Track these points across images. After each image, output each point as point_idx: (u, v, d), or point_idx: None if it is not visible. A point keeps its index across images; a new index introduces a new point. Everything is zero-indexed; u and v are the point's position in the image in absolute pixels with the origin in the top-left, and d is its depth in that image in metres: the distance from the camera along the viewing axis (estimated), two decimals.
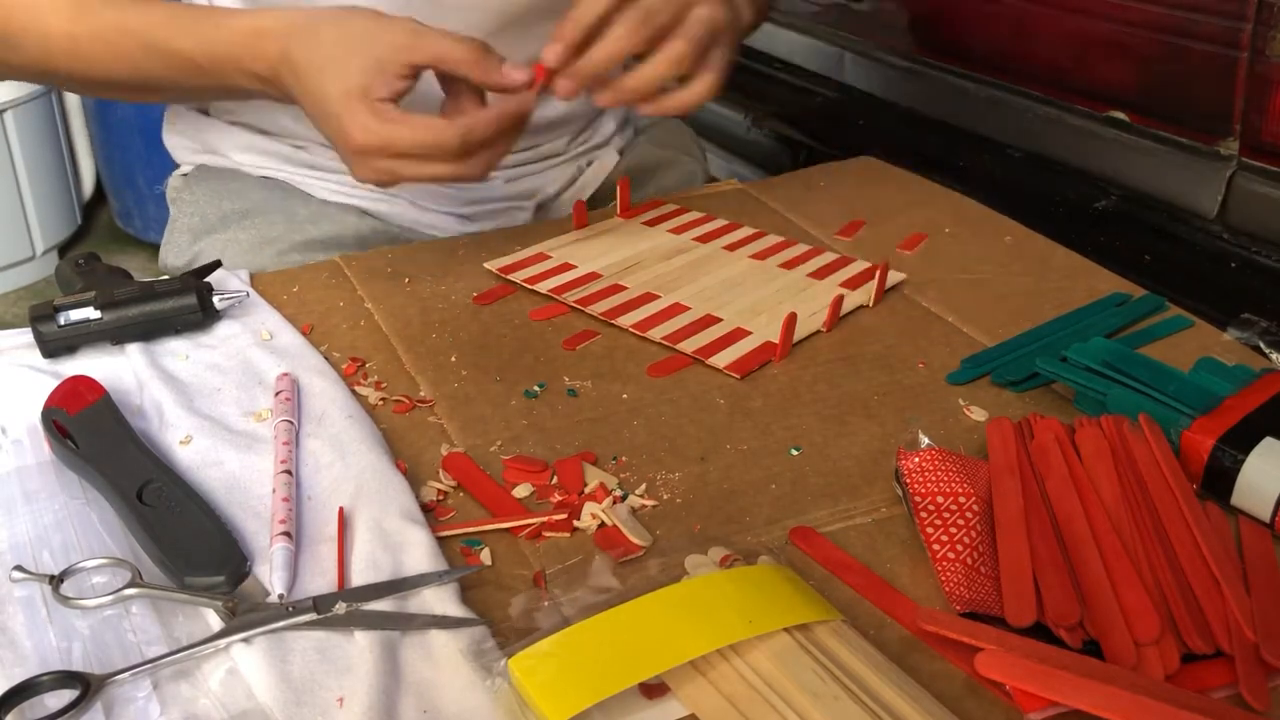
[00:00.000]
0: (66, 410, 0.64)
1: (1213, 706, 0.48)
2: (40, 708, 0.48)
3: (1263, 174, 0.90)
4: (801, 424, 0.69)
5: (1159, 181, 0.97)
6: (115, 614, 0.53)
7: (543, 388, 0.72)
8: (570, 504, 0.61)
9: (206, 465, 0.63)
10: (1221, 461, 0.61)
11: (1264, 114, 0.89)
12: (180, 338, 0.75)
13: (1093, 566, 0.55)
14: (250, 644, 0.51)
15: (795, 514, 0.61)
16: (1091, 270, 0.87)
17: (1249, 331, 0.77)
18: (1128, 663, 0.50)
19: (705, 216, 0.95)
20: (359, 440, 0.64)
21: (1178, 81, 0.95)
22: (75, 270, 0.77)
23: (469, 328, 0.79)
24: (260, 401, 0.69)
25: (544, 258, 0.87)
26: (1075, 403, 0.70)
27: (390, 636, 0.51)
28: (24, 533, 0.58)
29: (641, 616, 0.50)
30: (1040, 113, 1.07)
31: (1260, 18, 0.87)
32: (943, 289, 0.84)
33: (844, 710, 0.47)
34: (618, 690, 0.47)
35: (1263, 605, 0.53)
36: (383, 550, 0.56)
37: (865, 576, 0.57)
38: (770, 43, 1.74)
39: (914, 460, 0.60)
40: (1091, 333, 0.75)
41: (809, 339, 0.78)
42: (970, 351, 0.76)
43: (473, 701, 0.49)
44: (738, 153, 1.72)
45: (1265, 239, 0.91)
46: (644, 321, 0.78)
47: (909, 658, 0.51)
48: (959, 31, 1.15)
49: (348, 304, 0.81)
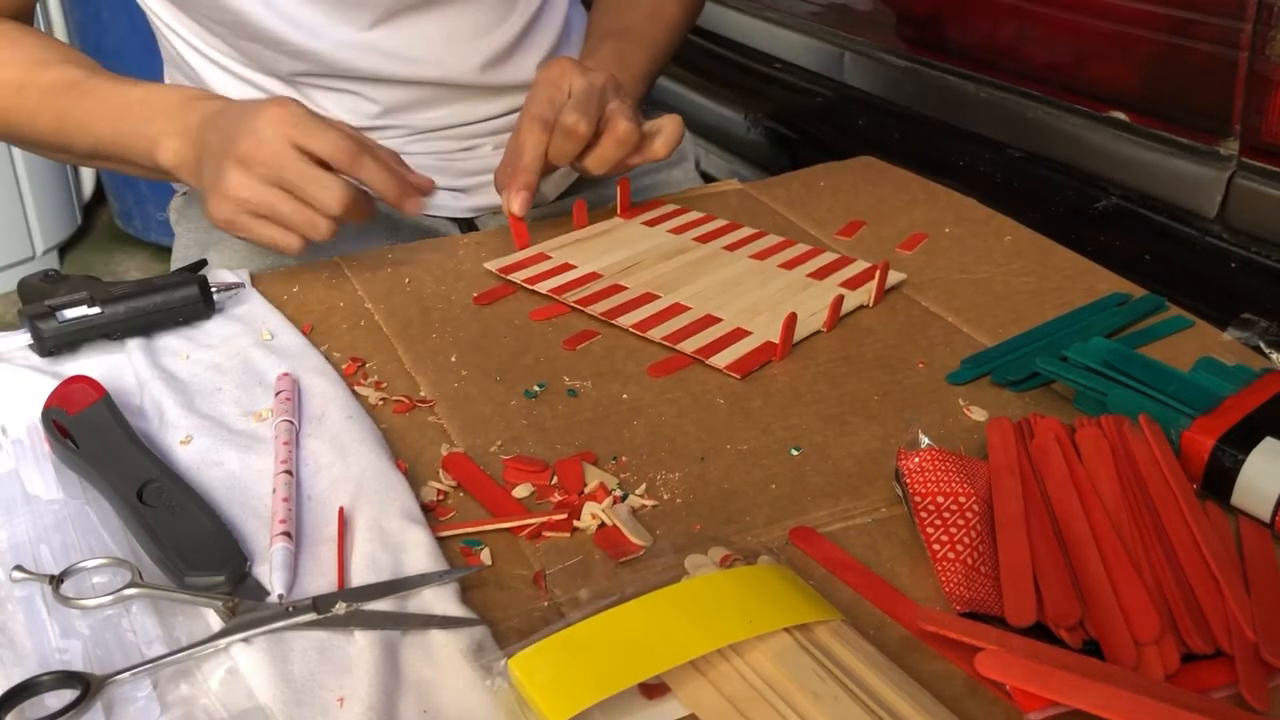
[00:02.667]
0: (66, 410, 0.64)
1: (1213, 706, 0.48)
2: (40, 708, 0.48)
3: (1263, 174, 0.90)
4: (801, 424, 0.69)
5: (1159, 181, 0.97)
6: (115, 614, 0.53)
7: (543, 388, 0.72)
8: (570, 504, 0.61)
9: (206, 465, 0.63)
10: (1221, 461, 0.61)
11: (1264, 114, 0.89)
12: (180, 337, 0.75)
13: (1093, 566, 0.55)
14: (250, 644, 0.51)
15: (795, 514, 0.61)
16: (1091, 270, 0.87)
17: (1249, 331, 0.77)
18: (1128, 663, 0.50)
19: (705, 216, 0.95)
20: (359, 440, 0.64)
21: (1178, 81, 0.95)
22: (45, 282, 0.77)
23: (469, 328, 0.79)
24: (260, 401, 0.69)
25: (544, 258, 0.87)
26: (1075, 403, 0.70)
27: (390, 636, 0.51)
28: (24, 533, 0.58)
29: (641, 616, 0.50)
30: (1040, 113, 1.07)
31: (1260, 18, 0.87)
32: (943, 289, 0.84)
33: (844, 710, 0.47)
34: (618, 690, 0.47)
35: (1263, 605, 0.53)
36: (383, 550, 0.56)
37: (865, 576, 0.57)
38: (770, 42, 1.74)
39: (914, 460, 0.60)
40: (1091, 333, 0.75)
41: (809, 339, 0.78)
42: (970, 351, 0.76)
43: (473, 701, 0.49)
44: (738, 153, 1.72)
45: (1265, 239, 0.91)
46: (644, 321, 0.78)
47: (909, 658, 0.51)
48: (959, 31, 1.15)
49: (348, 304, 0.81)
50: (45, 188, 2.60)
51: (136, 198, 2.66)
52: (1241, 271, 0.91)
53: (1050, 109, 1.06)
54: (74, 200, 2.75)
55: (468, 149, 1.04)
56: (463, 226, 1.04)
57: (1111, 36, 0.99)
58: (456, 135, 1.03)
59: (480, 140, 1.04)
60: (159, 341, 0.75)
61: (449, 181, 1.02)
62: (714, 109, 1.76)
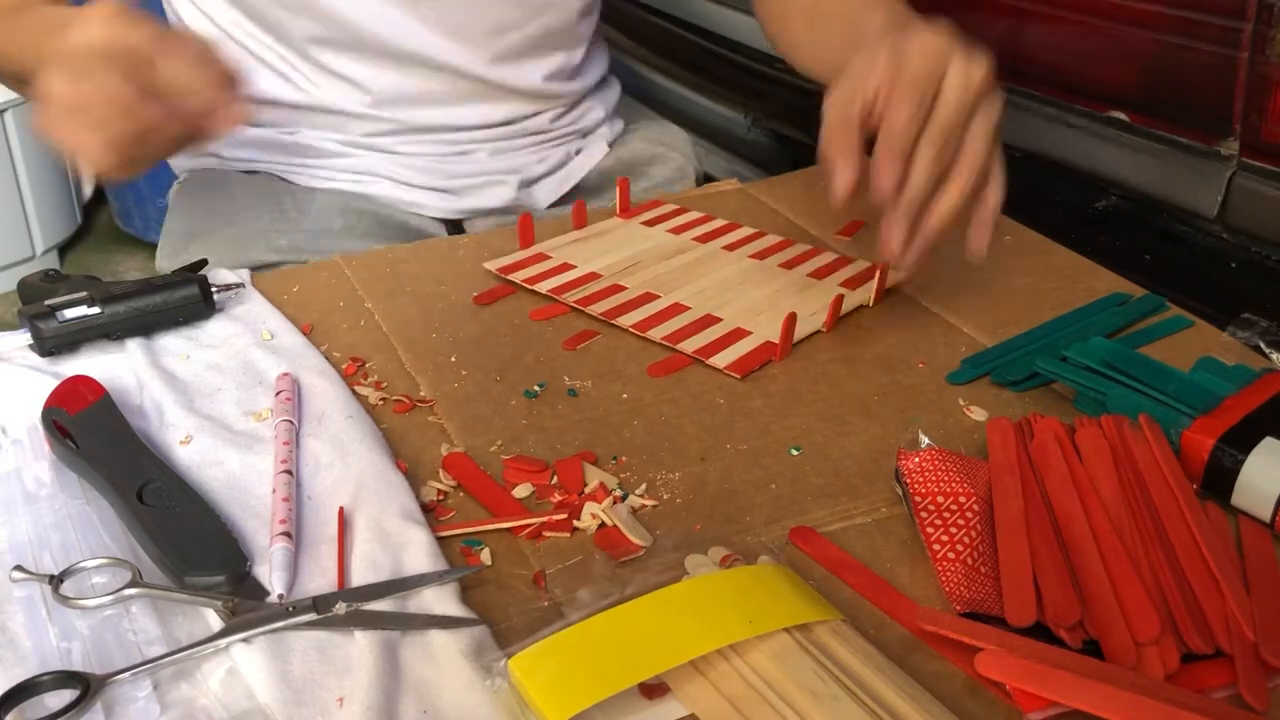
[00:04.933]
0: (66, 410, 0.64)
1: (1213, 706, 0.48)
2: (40, 708, 0.48)
3: (1263, 174, 0.90)
4: (801, 424, 0.69)
5: (1159, 181, 0.97)
6: (115, 614, 0.53)
7: (543, 388, 0.72)
8: (570, 504, 0.61)
9: (206, 465, 0.63)
10: (1221, 461, 0.61)
11: (1264, 114, 0.89)
12: (180, 337, 0.75)
13: (1093, 566, 0.55)
14: (250, 644, 0.51)
15: (795, 514, 0.61)
16: (1091, 270, 0.87)
17: (1249, 331, 0.77)
18: (1128, 663, 0.50)
19: (705, 216, 0.95)
20: (359, 440, 0.64)
21: (1178, 81, 0.95)
22: (44, 281, 0.77)
23: (469, 328, 0.79)
24: (260, 401, 0.69)
25: (544, 258, 0.87)
26: (1075, 403, 0.70)
27: (390, 636, 0.51)
28: (24, 533, 0.58)
29: (641, 616, 0.50)
30: (1040, 113, 1.06)
31: (1260, 18, 0.87)
32: (943, 289, 0.84)
33: (844, 710, 0.47)
34: (618, 690, 0.47)
35: (1263, 605, 0.53)
36: (383, 550, 0.56)
37: (865, 576, 0.57)
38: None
39: (914, 460, 0.60)
40: (1091, 333, 0.75)
41: (809, 339, 0.78)
42: (970, 351, 0.76)
43: (473, 701, 0.49)
44: (738, 153, 1.72)
45: (1265, 239, 0.91)
46: (644, 321, 0.78)
47: (909, 658, 0.51)
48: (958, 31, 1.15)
49: (348, 304, 0.81)
50: (45, 188, 2.60)
51: (136, 197, 2.66)
52: (1241, 271, 0.91)
53: (1050, 109, 1.06)
54: (74, 200, 2.75)
55: (461, 153, 1.03)
56: (450, 228, 1.04)
57: (1111, 36, 0.99)
58: (451, 139, 1.02)
59: (474, 145, 1.03)
60: (159, 341, 0.75)
61: (439, 183, 1.02)
62: (714, 109, 1.76)
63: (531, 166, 1.05)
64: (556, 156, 1.08)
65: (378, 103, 0.99)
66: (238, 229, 0.96)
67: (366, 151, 1.01)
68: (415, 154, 1.01)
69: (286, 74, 0.99)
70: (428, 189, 1.01)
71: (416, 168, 1.01)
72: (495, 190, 1.02)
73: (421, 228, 1.02)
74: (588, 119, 1.11)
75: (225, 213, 0.98)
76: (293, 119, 1.01)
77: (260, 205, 0.98)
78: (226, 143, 1.01)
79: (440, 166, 1.02)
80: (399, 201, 1.01)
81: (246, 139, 1.01)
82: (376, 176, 1.01)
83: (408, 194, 1.01)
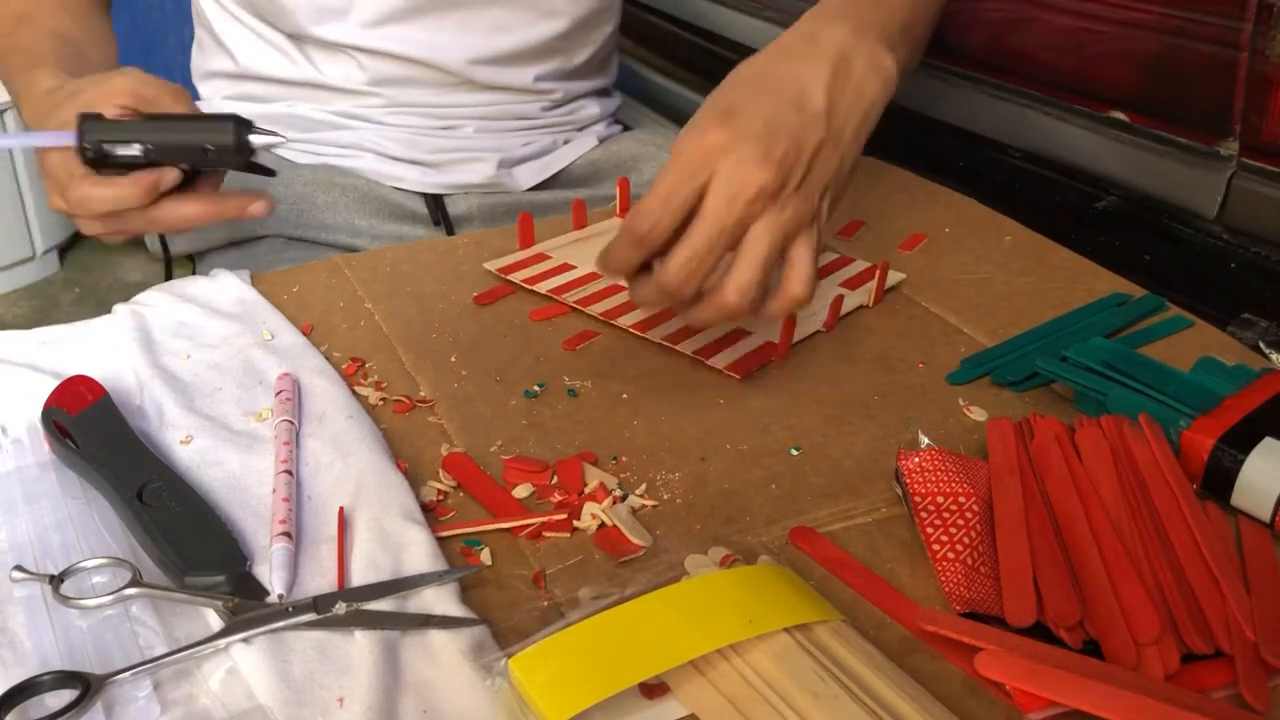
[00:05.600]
0: (66, 410, 0.64)
1: (1213, 706, 0.48)
2: (40, 708, 0.48)
3: (1263, 174, 0.90)
4: (801, 424, 0.69)
5: (1159, 181, 0.97)
6: (115, 614, 0.53)
7: (543, 388, 0.72)
8: (570, 504, 0.61)
9: (206, 465, 0.63)
10: (1221, 461, 0.61)
11: (1264, 114, 0.88)
12: (180, 337, 0.75)
13: (1093, 566, 0.55)
14: (250, 644, 0.51)
15: (795, 514, 0.61)
16: (1091, 270, 0.87)
17: (1249, 331, 0.77)
18: (1128, 663, 0.50)
19: None
20: (359, 440, 0.64)
21: (1178, 81, 0.95)
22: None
23: (469, 328, 0.79)
24: (261, 401, 0.69)
25: (544, 258, 0.87)
26: (1075, 403, 0.70)
27: (390, 636, 0.51)
28: (24, 533, 0.58)
29: (641, 616, 0.50)
30: (1040, 113, 1.06)
31: (1260, 18, 0.87)
32: (943, 289, 0.84)
33: (844, 710, 0.47)
34: (618, 690, 0.47)
35: (1263, 605, 0.53)
36: (383, 550, 0.56)
37: (865, 576, 0.57)
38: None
39: (914, 460, 0.60)
40: (1091, 333, 0.75)
41: (809, 339, 0.78)
42: (970, 351, 0.76)
43: (473, 701, 0.49)
44: None
45: (1265, 239, 0.91)
46: (644, 321, 0.78)
47: (909, 658, 0.51)
48: (958, 31, 1.15)
49: (348, 304, 0.81)
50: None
51: None
52: (1241, 271, 0.91)
53: (1050, 109, 1.06)
54: None
55: (447, 127, 1.05)
56: (430, 203, 1.05)
57: (1111, 36, 0.99)
58: (439, 114, 1.04)
59: (461, 121, 1.05)
60: (159, 341, 0.75)
61: (420, 156, 1.03)
62: None
63: (515, 149, 1.07)
64: (542, 142, 1.09)
65: (373, 82, 1.01)
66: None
67: (357, 123, 1.03)
68: (401, 125, 1.03)
69: (286, 51, 1.01)
70: (409, 162, 1.03)
71: (400, 140, 1.03)
72: (475, 166, 1.04)
73: (401, 203, 1.03)
74: (581, 115, 1.12)
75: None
76: (288, 93, 1.03)
77: (246, 181, 0.99)
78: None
79: (423, 140, 1.03)
80: (381, 175, 1.03)
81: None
82: (361, 150, 1.03)
83: (390, 167, 1.03)
